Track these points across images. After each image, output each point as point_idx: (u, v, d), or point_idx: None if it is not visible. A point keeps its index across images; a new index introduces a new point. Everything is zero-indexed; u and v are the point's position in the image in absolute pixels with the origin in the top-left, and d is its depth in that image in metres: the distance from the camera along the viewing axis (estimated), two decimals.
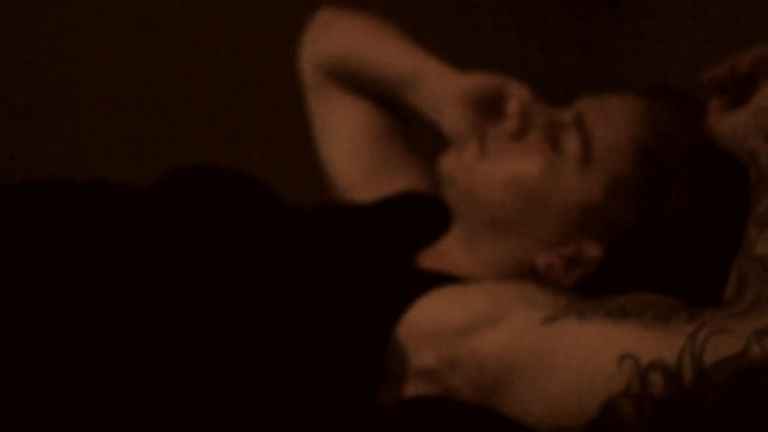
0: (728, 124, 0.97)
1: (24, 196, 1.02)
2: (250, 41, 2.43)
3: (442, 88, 1.22)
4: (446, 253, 1.11)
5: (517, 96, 1.16)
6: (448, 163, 1.10)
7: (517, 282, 0.99)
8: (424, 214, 1.21)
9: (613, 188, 1.04)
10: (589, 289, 1.00)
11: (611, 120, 1.06)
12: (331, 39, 1.39)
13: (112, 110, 2.38)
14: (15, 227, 0.97)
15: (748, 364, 0.76)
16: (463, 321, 0.91)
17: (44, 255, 0.94)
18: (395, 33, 1.34)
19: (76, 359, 0.88)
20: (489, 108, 1.18)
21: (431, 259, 1.11)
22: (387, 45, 1.32)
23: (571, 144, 1.06)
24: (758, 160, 0.92)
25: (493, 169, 1.07)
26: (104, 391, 0.89)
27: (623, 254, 1.03)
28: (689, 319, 0.80)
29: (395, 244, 1.14)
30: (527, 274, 1.05)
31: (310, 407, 0.92)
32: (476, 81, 1.20)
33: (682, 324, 0.80)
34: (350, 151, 1.37)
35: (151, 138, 2.38)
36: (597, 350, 0.83)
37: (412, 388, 0.93)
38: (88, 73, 2.39)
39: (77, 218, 0.99)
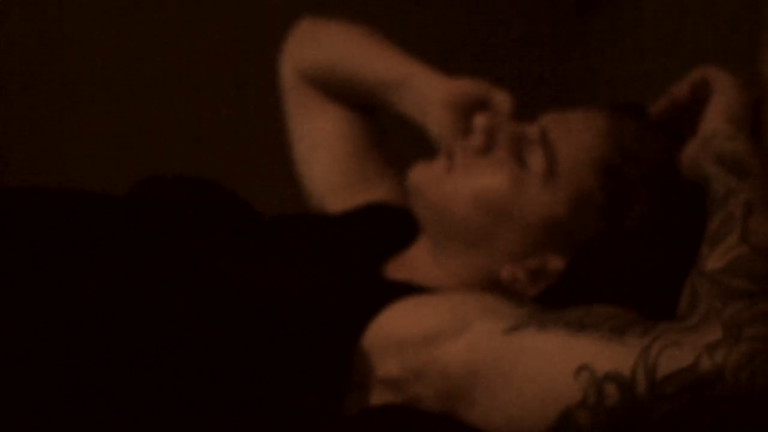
0: (685, 155, 1.02)
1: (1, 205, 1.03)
2: (230, 51, 2.45)
3: (428, 92, 1.23)
4: (413, 263, 1.12)
5: (496, 105, 1.18)
6: (417, 176, 1.12)
7: (480, 293, 1.01)
8: (394, 225, 1.22)
9: (577, 203, 1.06)
10: (552, 299, 1.02)
11: (575, 136, 1.08)
12: (314, 47, 1.40)
13: (96, 118, 2.40)
14: None
15: (698, 376, 0.79)
16: (427, 331, 0.93)
17: (17, 263, 0.96)
18: (380, 39, 1.35)
19: (54, 365, 0.90)
20: (473, 113, 1.19)
21: (399, 268, 1.13)
22: (372, 51, 1.34)
23: (536, 159, 1.08)
24: (711, 185, 0.95)
25: (460, 183, 1.09)
26: (83, 394, 0.90)
27: (585, 266, 1.05)
28: (644, 332, 0.83)
29: (364, 254, 1.16)
30: (492, 285, 1.07)
31: (275, 414, 0.93)
32: (462, 86, 1.21)
33: (637, 337, 0.82)
34: (328, 160, 1.39)
35: (129, 147, 2.39)
36: (555, 361, 0.85)
37: (377, 397, 0.94)
38: (75, 84, 2.39)
39: (51, 226, 1.01)
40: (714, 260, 0.86)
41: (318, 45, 1.40)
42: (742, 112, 1.02)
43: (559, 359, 0.85)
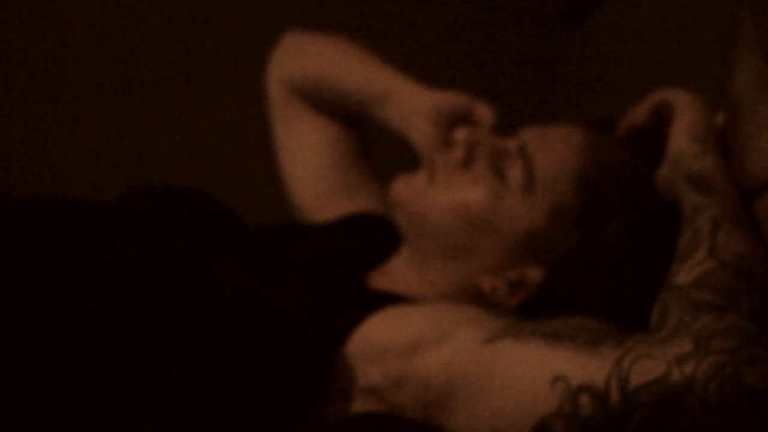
0: (658, 176, 1.05)
1: None
2: (221, 61, 2.46)
3: (412, 104, 1.25)
4: (396, 273, 1.14)
5: (478, 117, 1.20)
6: (399, 188, 1.14)
7: (461, 304, 1.03)
8: (378, 235, 1.23)
9: (555, 216, 1.08)
10: (530, 310, 1.04)
11: (553, 150, 1.10)
12: (301, 60, 1.42)
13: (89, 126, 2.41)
14: None
15: (669, 387, 0.81)
16: (408, 340, 0.95)
17: (9, 268, 0.97)
18: (364, 52, 1.36)
19: (35, 372, 0.91)
20: (456, 125, 1.21)
21: (381, 278, 1.14)
22: (357, 64, 1.35)
23: (515, 173, 1.09)
24: (682, 203, 0.97)
25: (441, 196, 1.11)
26: (68, 399, 0.92)
27: (563, 278, 1.07)
28: (617, 344, 0.85)
29: (348, 264, 1.17)
30: (473, 295, 1.09)
31: (258, 421, 0.95)
32: (445, 98, 1.23)
33: (611, 349, 0.84)
34: (313, 171, 1.40)
35: (120, 155, 2.38)
36: (532, 372, 0.87)
37: (360, 405, 0.96)
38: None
39: (42, 233, 1.02)
40: (683, 275, 0.89)
41: (304, 58, 1.41)
42: (705, 130, 1.04)
43: (536, 370, 0.87)
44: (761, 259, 0.90)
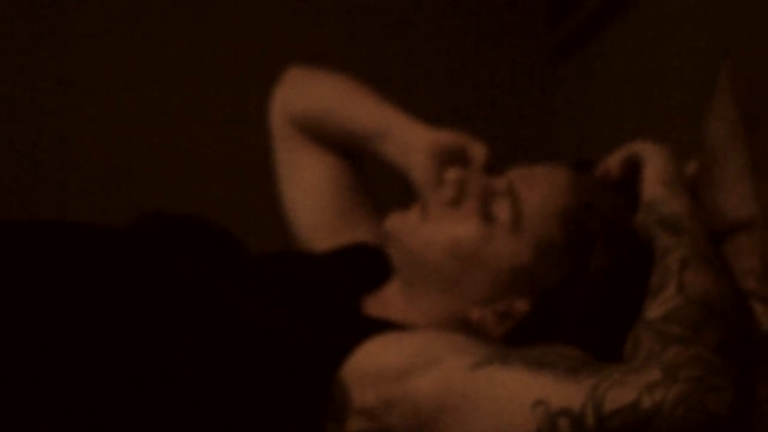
0: (636, 221, 1.11)
1: (7, 236, 1.09)
2: (228, 91, 2.49)
3: (412, 141, 1.28)
4: (389, 301, 1.18)
5: (473, 156, 1.23)
6: (393, 224, 1.18)
7: (450, 332, 1.08)
8: (373, 264, 1.27)
9: (541, 251, 1.12)
10: (515, 338, 1.09)
11: (539, 188, 1.14)
12: (305, 96, 1.45)
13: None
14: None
15: (639, 413, 0.87)
16: (400, 365, 1.00)
17: (21, 291, 1.01)
18: (366, 90, 1.39)
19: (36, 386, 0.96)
20: (452, 162, 1.25)
21: (376, 305, 1.18)
22: (360, 101, 1.38)
23: (503, 211, 1.13)
24: (655, 244, 1.03)
25: (433, 232, 1.14)
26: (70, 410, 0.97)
27: (547, 309, 1.12)
28: (594, 372, 0.91)
29: (344, 291, 1.21)
30: (462, 325, 1.13)
31: None
32: (442, 137, 1.26)
33: (588, 376, 0.91)
34: (314, 202, 1.43)
35: (129, 183, 2.44)
36: (514, 396, 0.93)
37: (353, 426, 1.02)
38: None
39: (56, 257, 1.06)
40: (654, 310, 0.95)
41: (307, 93, 1.45)
42: (673, 175, 1.10)
43: (518, 394, 0.93)
44: (727, 294, 0.96)
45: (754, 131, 1.07)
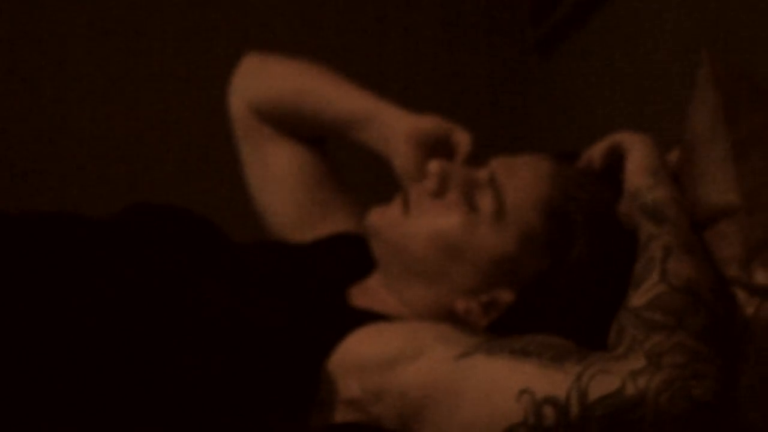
0: (620, 210, 1.11)
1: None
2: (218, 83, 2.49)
3: (395, 126, 1.27)
4: (373, 292, 1.18)
5: (457, 144, 1.22)
6: (374, 218, 1.17)
7: (435, 322, 1.08)
8: (357, 253, 1.26)
9: (524, 241, 1.11)
10: (500, 328, 1.09)
11: (521, 179, 1.14)
12: (266, 82, 1.40)
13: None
14: None
15: (624, 400, 0.88)
16: (386, 356, 1.01)
17: (10, 282, 1.02)
18: (337, 75, 1.37)
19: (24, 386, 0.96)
20: (435, 150, 1.24)
21: (361, 296, 1.18)
22: (333, 87, 1.34)
23: (486, 202, 1.13)
24: (639, 233, 1.04)
25: (416, 225, 1.14)
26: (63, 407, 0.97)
27: (531, 298, 1.12)
28: (578, 360, 0.92)
29: (329, 282, 1.21)
30: (447, 315, 1.13)
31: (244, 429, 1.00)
32: (425, 123, 1.25)
33: (572, 365, 0.91)
34: (285, 195, 1.40)
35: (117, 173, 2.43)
36: (500, 384, 0.94)
37: (341, 416, 1.02)
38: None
39: (44, 247, 1.06)
40: (637, 298, 0.95)
41: (270, 80, 1.40)
42: (656, 164, 1.10)
43: (504, 383, 0.93)
44: (709, 282, 0.97)
45: (735, 119, 1.07)
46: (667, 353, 0.89)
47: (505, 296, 1.12)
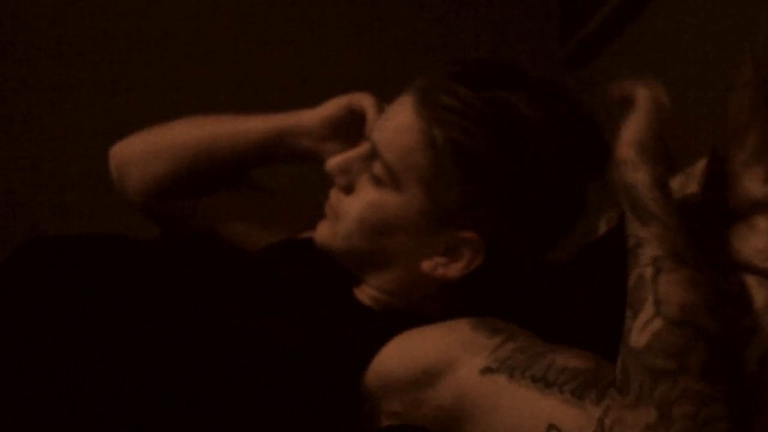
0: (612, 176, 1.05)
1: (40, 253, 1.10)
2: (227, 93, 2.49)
3: (310, 128, 1.29)
4: (365, 289, 1.18)
5: (364, 109, 1.22)
6: (318, 236, 1.18)
7: (457, 324, 1.06)
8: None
9: (428, 183, 1.10)
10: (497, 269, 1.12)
11: (390, 130, 1.13)
12: (165, 152, 1.36)
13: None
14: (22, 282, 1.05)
15: None
16: (418, 374, 1.02)
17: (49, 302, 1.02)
18: (224, 116, 1.36)
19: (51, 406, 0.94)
20: (351, 129, 1.26)
21: (363, 295, 1.18)
22: (230, 124, 1.34)
23: (378, 172, 1.13)
24: (625, 228, 1.00)
25: (346, 225, 1.15)
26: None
27: (490, 220, 1.10)
28: (597, 401, 0.91)
29: (335, 283, 1.19)
30: (425, 280, 1.13)
31: None
32: (327, 111, 1.27)
33: (593, 405, 0.91)
34: (243, 234, 1.39)
35: None
36: (528, 417, 0.94)
37: (385, 422, 1.04)
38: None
39: (86, 268, 1.08)
40: (636, 336, 0.92)
41: (168, 147, 1.37)
42: (649, 140, 1.03)
43: (531, 415, 0.93)
44: (703, 298, 0.93)
45: None
46: (676, 403, 0.87)
47: (459, 235, 1.11)
